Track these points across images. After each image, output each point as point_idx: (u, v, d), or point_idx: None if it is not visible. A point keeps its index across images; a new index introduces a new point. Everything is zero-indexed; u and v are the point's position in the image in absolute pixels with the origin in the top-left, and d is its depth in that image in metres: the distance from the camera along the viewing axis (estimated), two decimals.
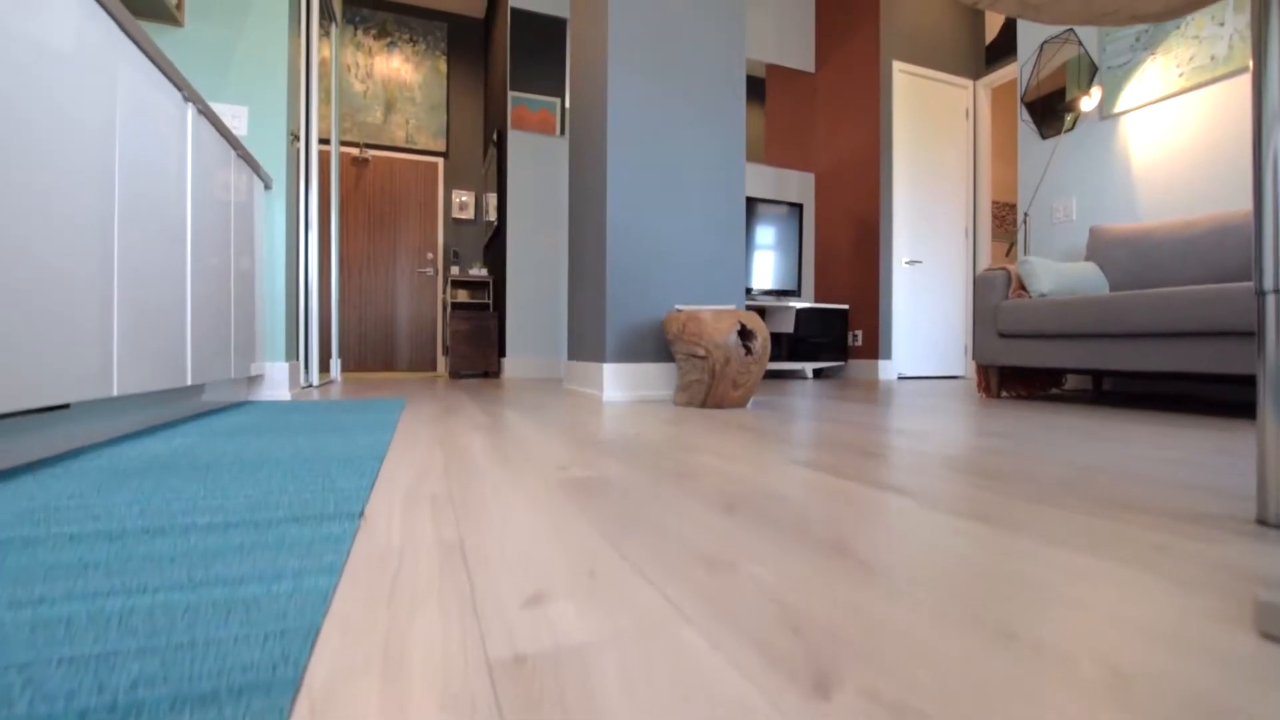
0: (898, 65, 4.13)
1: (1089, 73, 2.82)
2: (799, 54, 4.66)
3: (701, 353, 1.90)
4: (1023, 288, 2.40)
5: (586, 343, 2.45)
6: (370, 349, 5.01)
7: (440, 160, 5.21)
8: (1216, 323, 1.71)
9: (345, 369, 4.95)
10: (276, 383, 2.22)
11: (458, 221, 5.24)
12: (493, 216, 4.58)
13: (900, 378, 4.16)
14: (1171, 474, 0.94)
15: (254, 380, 2.15)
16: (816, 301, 4.64)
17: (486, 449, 1.16)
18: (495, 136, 4.30)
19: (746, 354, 1.91)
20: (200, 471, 0.90)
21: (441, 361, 5.22)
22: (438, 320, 5.21)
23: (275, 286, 2.23)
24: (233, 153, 1.79)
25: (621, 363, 2.22)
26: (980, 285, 2.49)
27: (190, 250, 1.45)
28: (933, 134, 4.29)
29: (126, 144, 1.14)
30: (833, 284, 4.51)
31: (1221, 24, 2.37)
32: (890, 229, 4.12)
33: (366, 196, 5.01)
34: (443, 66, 5.19)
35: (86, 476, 0.86)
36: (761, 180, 4.54)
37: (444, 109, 5.18)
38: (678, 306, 2.02)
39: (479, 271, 4.35)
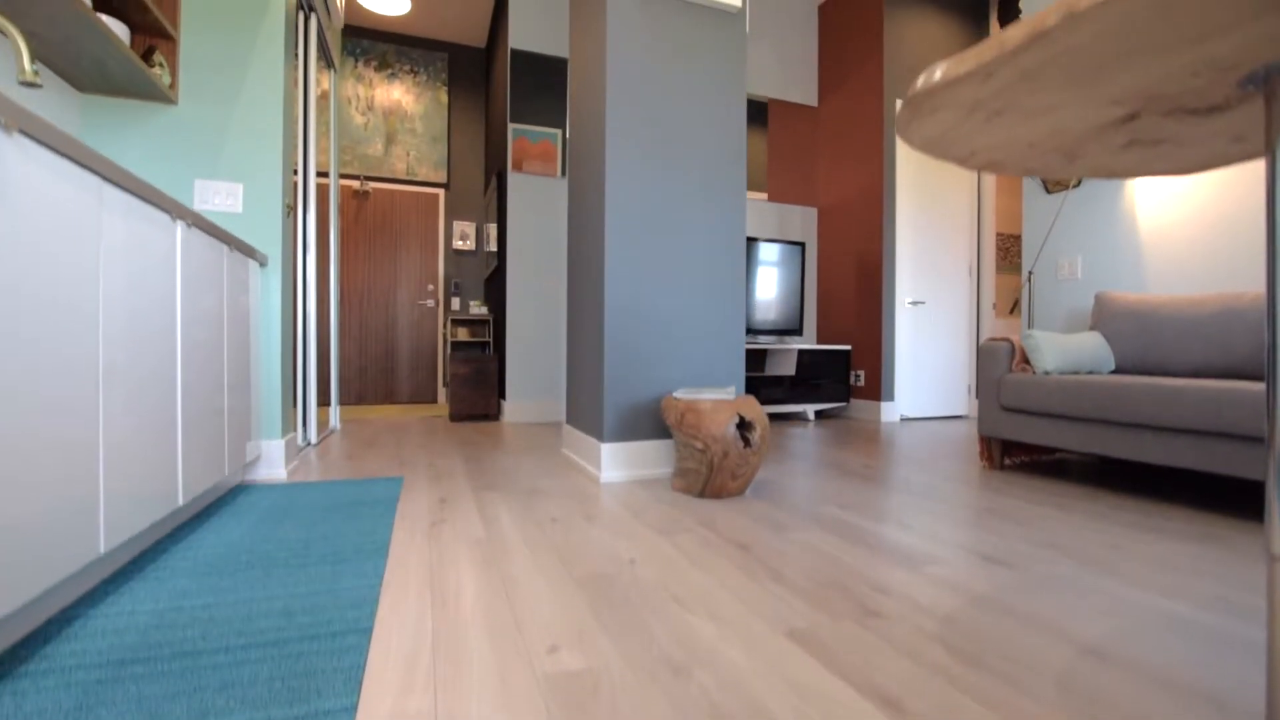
0: (901, 104, 4.08)
1: None
2: (801, 88, 4.62)
3: (700, 446, 1.87)
4: (1026, 361, 2.37)
5: (585, 414, 2.43)
6: (371, 382, 5.00)
7: (441, 191, 5.19)
8: (1224, 425, 1.68)
9: (346, 402, 4.94)
10: (272, 461, 2.20)
11: (458, 253, 5.23)
12: (493, 247, 4.57)
13: (903, 419, 4.13)
14: (1180, 659, 0.91)
15: (250, 461, 2.14)
16: (819, 340, 4.61)
17: (477, 601, 1.14)
18: (496, 177, 4.28)
19: (745, 445, 1.89)
20: (159, 675, 0.88)
21: (442, 393, 5.21)
22: (438, 351, 5.20)
23: (271, 360, 2.21)
24: (225, 248, 1.77)
25: (619, 442, 2.20)
26: (983, 355, 2.45)
27: (181, 364, 1.43)
28: (937, 170, 4.25)
29: (111, 284, 1.12)
30: (835, 322, 4.48)
31: None
32: (893, 269, 4.08)
33: (367, 229, 5.00)
34: (444, 97, 5.16)
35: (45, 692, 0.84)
36: (763, 217, 4.51)
37: (445, 140, 5.16)
38: (676, 395, 2.00)
39: (480, 310, 4.33)
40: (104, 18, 1.76)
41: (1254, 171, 2.26)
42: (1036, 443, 2.23)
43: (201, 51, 2.12)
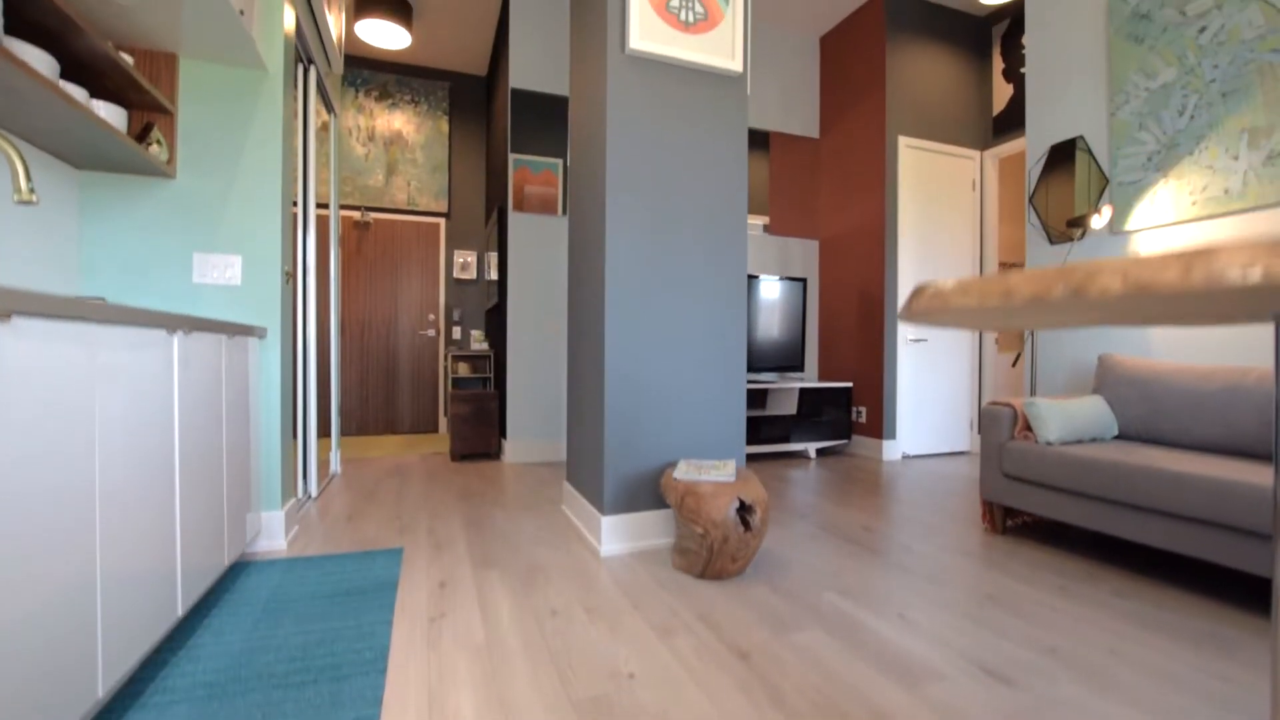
0: (904, 140, 4.07)
1: (1099, 185, 2.76)
2: (803, 120, 4.60)
3: (700, 530, 1.87)
4: (1029, 427, 2.36)
5: (585, 477, 2.42)
6: (372, 412, 5.00)
7: (442, 220, 5.18)
8: (1227, 517, 1.67)
9: (348, 432, 4.94)
10: (272, 532, 2.20)
11: (459, 282, 5.22)
12: (494, 275, 4.56)
13: (905, 457, 4.12)
14: None
15: (250, 536, 2.14)
16: (821, 375, 4.60)
17: None
18: (498, 212, 4.27)
19: (745, 529, 1.88)
20: None
21: (443, 422, 5.21)
22: (439, 380, 5.20)
23: (271, 433, 2.21)
24: (223, 338, 1.77)
25: (619, 514, 2.20)
26: (985, 419, 2.44)
27: (179, 469, 1.43)
28: (939, 206, 4.23)
29: (107, 412, 1.12)
30: (837, 357, 4.47)
31: (1236, 157, 2.31)
32: (895, 305, 4.07)
33: (368, 259, 4.99)
34: (444, 126, 5.15)
35: None
36: (764, 251, 4.49)
37: (446, 169, 5.15)
38: (676, 476, 1.99)
39: (481, 345, 4.33)
40: (99, 104, 1.76)
41: (1258, 233, 2.24)
42: (1038, 514, 2.22)
43: (199, 124, 2.11)
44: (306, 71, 2.83)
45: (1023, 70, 3.06)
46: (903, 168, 4.08)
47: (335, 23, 3.26)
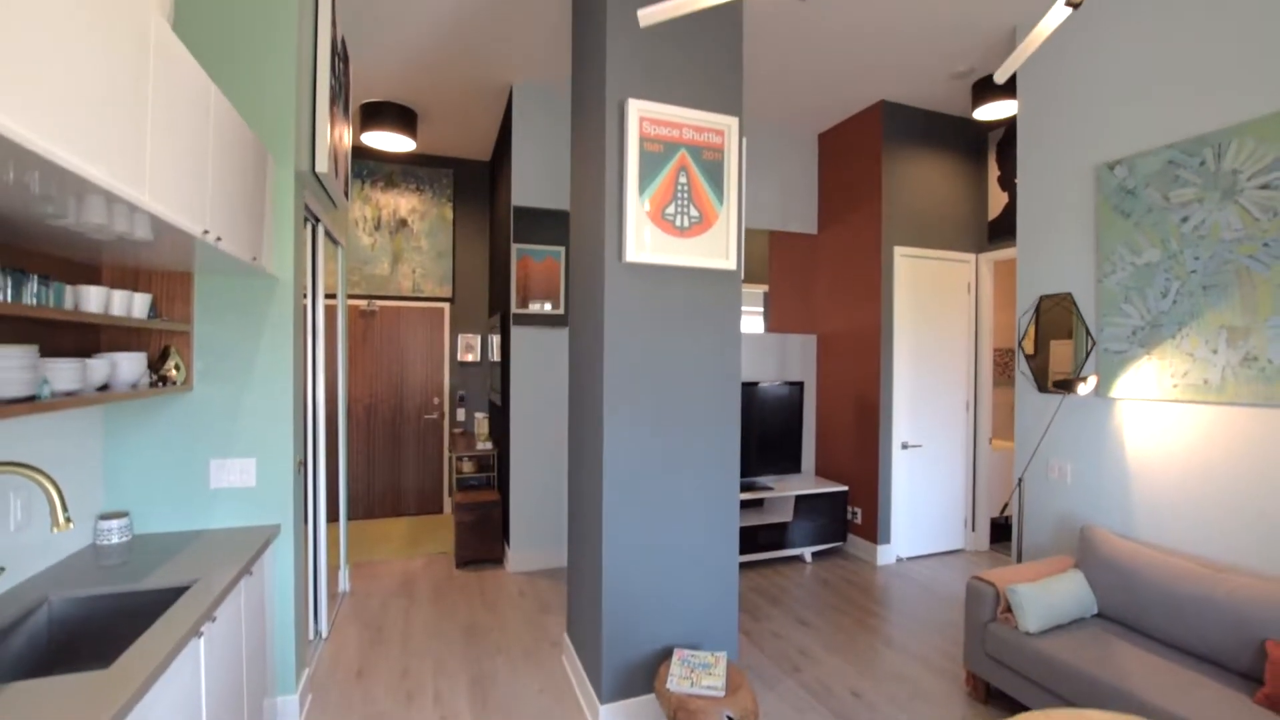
0: (900, 250, 4.14)
1: (1087, 345, 2.83)
2: (801, 217, 4.67)
3: None
4: (1009, 609, 2.44)
5: (584, 640, 2.53)
6: (378, 496, 5.12)
7: (446, 305, 5.28)
8: None
9: (355, 516, 5.07)
10: (288, 715, 2.31)
11: (463, 364, 5.32)
12: (497, 357, 4.66)
13: (899, 560, 4.21)
14: None
15: None
16: (818, 471, 4.68)
17: None
18: (501, 317, 4.37)
19: None
20: None
21: (447, 502, 5.32)
22: (443, 459, 5.31)
23: (285, 625, 2.31)
24: (244, 579, 1.87)
25: (616, 701, 2.30)
26: (970, 594, 2.53)
27: (205, 701, 1.52)
28: (934, 310, 4.30)
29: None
30: (833, 455, 4.55)
31: (1215, 351, 2.38)
32: (890, 412, 4.15)
33: (374, 346, 5.10)
34: (449, 214, 5.24)
35: None
36: (764, 352, 4.57)
37: (450, 255, 5.24)
38: (670, 687, 2.09)
39: (485, 445, 4.44)
40: (121, 356, 1.85)
41: (1234, 428, 2.31)
42: (1020, 700, 2.31)
43: (214, 336, 2.21)
44: (315, 229, 2.93)
45: (1016, 180, 3.13)
46: (899, 275, 4.15)
47: (343, 151, 3.34)
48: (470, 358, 5.30)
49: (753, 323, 4.55)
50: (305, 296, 2.72)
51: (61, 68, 0.96)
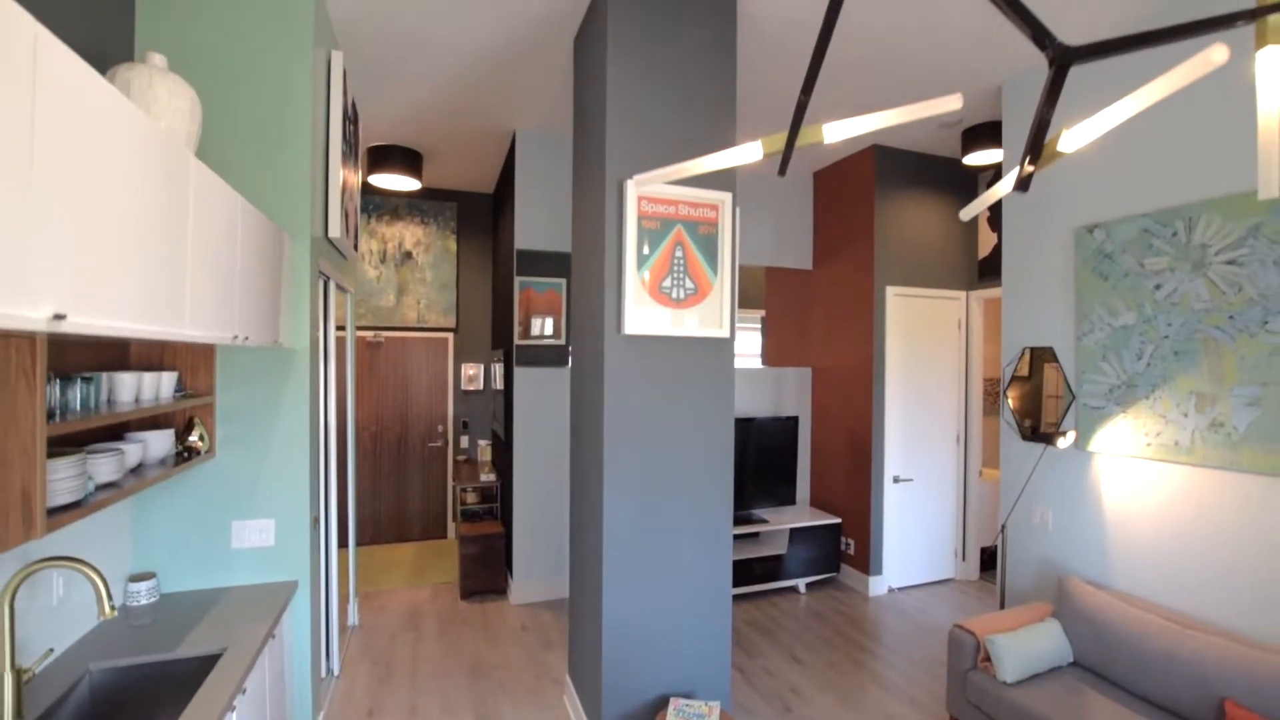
0: (892, 290, 4.26)
1: (1068, 397, 2.95)
2: (796, 254, 4.79)
3: None
4: (989, 658, 2.57)
5: (587, 698, 2.65)
6: (384, 523, 5.26)
7: (450, 335, 5.41)
8: None
9: (362, 542, 5.20)
10: None
11: (467, 393, 5.45)
12: (500, 385, 4.79)
13: (891, 590, 4.33)
14: None
15: None
16: (812, 500, 4.81)
17: None
18: (504, 352, 4.49)
19: None
20: None
21: (451, 527, 5.45)
22: (447, 485, 5.44)
23: (303, 675, 2.45)
24: (267, 645, 2.00)
25: None
26: (952, 643, 2.66)
27: None
28: (926, 346, 4.42)
29: None
30: (827, 486, 4.67)
31: (1185, 414, 2.50)
32: (882, 447, 4.27)
33: (380, 376, 5.23)
34: (453, 246, 5.37)
35: None
36: (761, 384, 4.69)
37: (454, 287, 5.37)
38: None
39: (488, 477, 4.56)
40: (152, 436, 1.98)
41: (1204, 490, 2.43)
42: None
43: (235, 406, 2.34)
44: (326, 286, 3.05)
45: (1002, 229, 3.26)
46: (890, 313, 4.27)
47: (353, 206, 3.46)
48: (474, 387, 5.42)
49: (749, 341, 4.63)
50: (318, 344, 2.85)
51: (137, 261, 1.08)
